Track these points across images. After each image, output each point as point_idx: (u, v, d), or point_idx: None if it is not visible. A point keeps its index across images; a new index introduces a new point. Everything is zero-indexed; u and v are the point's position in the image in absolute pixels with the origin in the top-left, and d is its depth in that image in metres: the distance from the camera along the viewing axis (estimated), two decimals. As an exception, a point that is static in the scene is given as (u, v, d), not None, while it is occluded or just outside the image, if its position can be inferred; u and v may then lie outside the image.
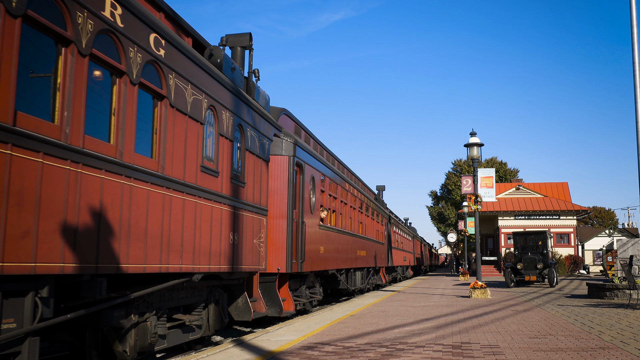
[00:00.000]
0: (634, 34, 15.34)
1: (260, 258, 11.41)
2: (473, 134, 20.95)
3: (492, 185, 32.16)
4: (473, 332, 10.07)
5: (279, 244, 12.84)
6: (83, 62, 6.21)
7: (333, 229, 17.52)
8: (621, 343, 8.63)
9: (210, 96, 9.19)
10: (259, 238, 11.31)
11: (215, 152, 9.42)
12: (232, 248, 9.98)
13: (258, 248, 11.25)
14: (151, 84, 7.61)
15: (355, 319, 12.58)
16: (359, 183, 24.78)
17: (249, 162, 10.89)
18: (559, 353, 7.76)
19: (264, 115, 11.63)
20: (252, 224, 10.96)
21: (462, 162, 74.99)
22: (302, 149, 13.94)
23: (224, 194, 9.70)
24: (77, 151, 6.02)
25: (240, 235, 10.33)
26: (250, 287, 12.14)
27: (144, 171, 7.33)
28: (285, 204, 12.98)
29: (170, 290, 8.93)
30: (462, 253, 70.39)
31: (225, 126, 9.72)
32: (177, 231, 8.13)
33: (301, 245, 13.63)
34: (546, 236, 28.41)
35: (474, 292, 19.21)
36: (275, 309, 12.79)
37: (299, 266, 13.56)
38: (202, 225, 8.87)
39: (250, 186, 10.88)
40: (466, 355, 7.62)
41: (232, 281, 10.88)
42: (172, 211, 7.99)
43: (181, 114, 8.32)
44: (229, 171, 9.93)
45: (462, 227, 51.47)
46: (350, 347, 8.38)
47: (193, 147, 8.66)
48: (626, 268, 15.89)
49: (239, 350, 8.32)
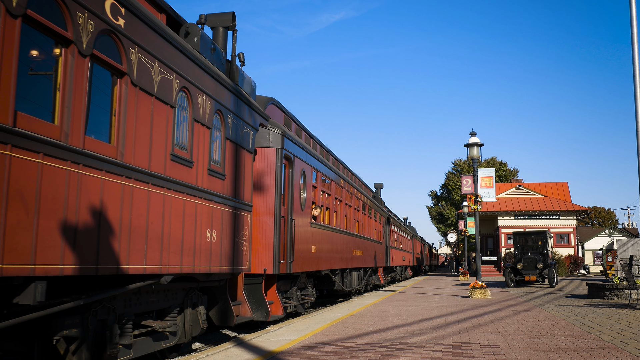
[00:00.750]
0: (634, 34, 15.19)
1: (244, 258, 10.24)
2: (473, 134, 20.61)
3: (492, 185, 31.77)
4: (473, 332, 9.89)
5: (266, 243, 11.70)
6: (14, 24, 5.06)
7: (326, 227, 16.33)
8: (621, 343, 8.50)
9: (183, 77, 8.03)
10: (242, 236, 10.15)
11: (189, 139, 8.26)
12: (210, 247, 8.83)
13: (241, 247, 10.09)
14: (107, 58, 6.46)
15: (355, 319, 12.32)
16: (356, 180, 23.50)
17: (231, 152, 9.74)
18: (559, 353, 7.63)
19: (248, 102, 10.46)
20: (234, 221, 9.81)
21: (462, 162, 73.85)
22: (291, 141, 12.78)
23: (200, 186, 8.55)
24: (6, 130, 4.89)
25: (220, 232, 9.19)
26: (233, 289, 10.99)
27: (98, 157, 6.18)
28: (272, 200, 11.83)
29: (136, 294, 7.79)
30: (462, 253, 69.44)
31: (201, 111, 8.56)
32: (140, 227, 6.98)
33: (290, 244, 12.47)
34: (546, 236, 28.02)
35: (474, 292, 18.91)
36: (261, 312, 11.64)
37: (288, 267, 12.41)
38: (173, 221, 7.72)
39: (231, 179, 9.74)
40: (466, 355, 7.50)
41: (212, 283, 9.74)
42: (133, 204, 6.84)
43: (146, 94, 7.16)
44: (206, 161, 8.78)
45: (462, 227, 50.78)
46: (350, 347, 8.24)
47: (161, 132, 7.51)
48: (626, 268, 15.67)
49: (239, 350, 8.12)
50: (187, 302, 9.20)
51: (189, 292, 9.24)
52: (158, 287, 8.14)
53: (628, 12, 15.44)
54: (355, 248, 20.78)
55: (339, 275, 18.72)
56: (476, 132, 20.69)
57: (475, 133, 20.68)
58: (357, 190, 22.08)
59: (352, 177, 22.45)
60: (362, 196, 23.23)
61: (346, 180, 19.90)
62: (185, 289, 9.16)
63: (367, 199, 24.71)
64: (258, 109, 10.99)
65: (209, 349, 8.75)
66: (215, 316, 10.28)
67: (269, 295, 12.35)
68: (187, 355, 8.85)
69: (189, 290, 9.26)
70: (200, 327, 9.40)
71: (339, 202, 18.52)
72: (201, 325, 9.40)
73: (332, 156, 18.96)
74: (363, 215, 23.37)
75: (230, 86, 9.65)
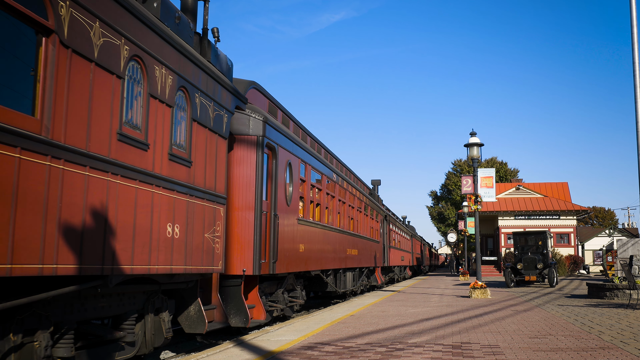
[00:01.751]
0: (634, 34, 14.93)
1: (215, 256, 8.84)
2: (473, 134, 20.23)
3: (492, 185, 31.11)
4: (473, 332, 9.71)
5: (245, 241, 10.30)
6: None
7: (317, 225, 14.85)
8: (621, 343, 8.38)
9: (136, 44, 6.64)
10: (213, 232, 8.76)
11: (143, 117, 6.87)
12: (171, 243, 7.44)
13: (211, 244, 8.69)
14: (26, 10, 5.10)
15: (355, 319, 12.05)
16: (351, 176, 21.82)
17: (200, 136, 8.36)
18: (559, 353, 7.52)
19: (222, 81, 9.05)
20: (203, 215, 8.42)
21: (462, 162, 72.34)
22: (275, 129, 11.35)
23: (158, 173, 7.15)
24: None
25: (184, 227, 7.80)
26: (207, 292, 9.63)
27: (11, 130, 4.84)
28: (252, 194, 10.43)
29: (79, 298, 6.43)
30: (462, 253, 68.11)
31: (160, 86, 7.17)
32: (74, 217, 5.61)
33: (273, 242, 11.07)
34: (546, 236, 27.43)
35: (474, 292, 18.51)
36: (240, 317, 10.24)
37: (271, 267, 11.01)
38: (120, 213, 6.34)
39: (200, 167, 8.35)
40: (466, 355, 7.37)
41: (179, 285, 8.36)
42: (64, 190, 5.46)
43: (83, 59, 5.79)
44: (167, 145, 7.38)
45: (462, 227, 49.79)
46: (350, 347, 8.07)
47: (104, 107, 6.13)
48: (626, 268, 15.40)
49: (239, 350, 7.92)
50: (149, 307, 7.82)
51: (150, 296, 7.87)
52: (108, 291, 6.78)
53: (628, 12, 15.14)
54: (349, 247, 19.26)
55: (331, 276, 17.28)
56: (476, 132, 20.30)
57: (475, 133, 20.28)
58: (351, 186, 20.51)
59: (346, 172, 20.86)
60: (357, 193, 21.64)
61: (340, 175, 18.38)
62: (146, 292, 7.79)
63: (363, 196, 23.10)
64: (234, 90, 9.58)
65: (209, 349, 8.36)
66: (185, 322, 8.90)
67: (250, 298, 10.96)
68: (186, 356, 8.36)
69: (151, 294, 7.88)
70: (164, 336, 8.03)
71: (331, 198, 17.03)
72: (165, 334, 8.00)
73: (325, 149, 17.47)
74: (358, 212, 21.81)
75: (199, 62, 8.26)
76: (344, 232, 18.50)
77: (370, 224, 24.41)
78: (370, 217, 24.71)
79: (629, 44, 29.34)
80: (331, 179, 16.83)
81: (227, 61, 9.63)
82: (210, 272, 8.68)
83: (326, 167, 16.25)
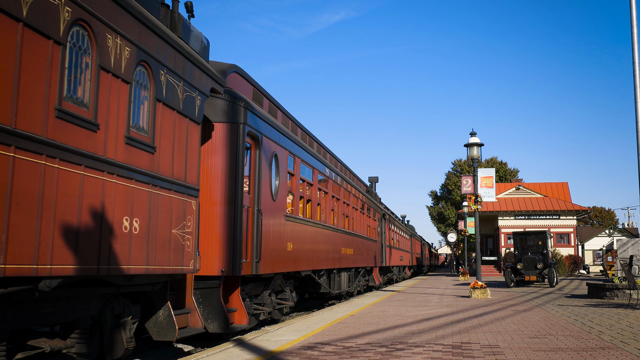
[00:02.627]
0: (634, 34, 14.70)
1: (186, 255, 7.72)
2: (473, 134, 19.97)
3: (492, 185, 30.69)
4: (473, 332, 9.55)
5: (224, 239, 9.18)
6: None
7: (307, 222, 13.63)
8: (621, 343, 8.25)
9: (80, 5, 5.50)
10: (183, 228, 7.65)
11: (92, 93, 5.76)
12: (129, 240, 6.34)
13: (181, 241, 7.57)
14: None
15: (355, 318, 11.83)
16: (347, 172, 20.42)
17: (166, 119, 7.24)
18: (559, 353, 7.40)
19: (194, 60, 7.91)
20: (170, 208, 7.30)
21: (462, 162, 71.28)
22: (258, 117, 10.21)
23: (111, 158, 6.05)
24: None
25: (146, 221, 6.69)
26: (181, 295, 8.55)
27: None
28: (232, 187, 9.28)
29: (12, 303, 5.35)
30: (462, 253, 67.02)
31: (113, 58, 6.06)
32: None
33: (256, 240, 9.93)
34: (546, 236, 27.03)
35: (474, 292, 18.22)
36: (218, 323, 9.11)
37: (254, 267, 9.89)
38: (59, 203, 5.23)
39: (167, 154, 7.23)
40: (466, 355, 7.24)
41: (143, 287, 7.27)
42: (-23, 174, 4.40)
43: (6, 16, 4.72)
44: (123, 126, 6.27)
45: (462, 227, 49.04)
46: (350, 347, 7.93)
47: (37, 77, 5.02)
48: (626, 268, 15.19)
49: (239, 350, 7.75)
50: (107, 313, 6.72)
51: (109, 300, 6.78)
52: (52, 295, 5.70)
53: (628, 12, 14.88)
54: (344, 246, 18.01)
55: (324, 277, 16.12)
56: (476, 132, 20.00)
57: (475, 133, 19.97)
58: (347, 182, 19.20)
59: (341, 168, 19.48)
60: (353, 189, 20.32)
61: (334, 171, 17.10)
62: (103, 295, 6.70)
63: (360, 193, 21.78)
64: (209, 71, 8.45)
65: (208, 349, 8.11)
66: (153, 329, 7.78)
67: (232, 301, 9.84)
68: (186, 356, 7.99)
69: (109, 298, 6.80)
70: (124, 346, 6.93)
71: (324, 194, 15.80)
72: (125, 344, 6.89)
73: (318, 143, 16.18)
74: (354, 210, 20.50)
75: (165, 35, 7.14)
76: (338, 231, 17.25)
77: (367, 223, 23.12)
78: (367, 216, 23.41)
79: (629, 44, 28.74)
80: (324, 174, 15.63)
81: (203, 39, 8.52)
82: (180, 272, 7.56)
83: (318, 161, 15.05)
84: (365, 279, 23.84)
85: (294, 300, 13.32)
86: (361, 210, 21.69)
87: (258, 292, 11.26)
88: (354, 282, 20.77)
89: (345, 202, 18.66)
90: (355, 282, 20.93)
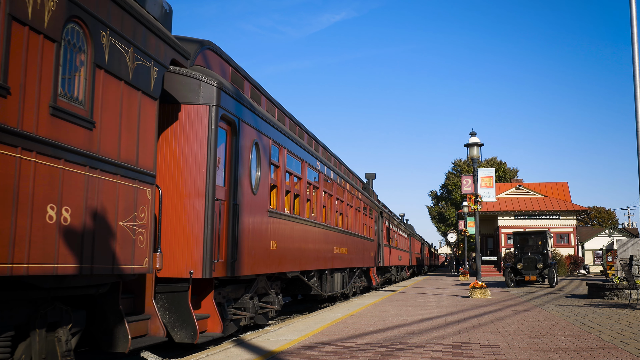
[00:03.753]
0: (634, 34, 14.42)
1: (137, 252, 6.45)
2: (473, 134, 19.58)
3: (492, 185, 29.83)
4: (473, 332, 9.39)
5: (192, 235, 7.85)
6: None
7: (294, 219, 12.21)
8: (621, 343, 8.10)
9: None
10: (134, 219, 6.38)
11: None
12: (56, 233, 5.09)
13: (131, 236, 6.31)
14: None
15: (355, 318, 11.60)
16: (341, 167, 18.75)
17: (110, 90, 5.96)
18: (559, 353, 7.24)
19: (149, 24, 6.57)
20: (116, 196, 6.05)
21: (462, 162, 69.95)
22: (235, 100, 8.88)
23: (30, 132, 4.79)
24: None
25: (81, 211, 5.43)
26: (141, 298, 7.30)
27: None
28: (202, 177, 7.98)
29: None
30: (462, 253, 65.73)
31: (31, 8, 4.80)
32: None
33: (232, 237, 8.61)
34: (546, 236, 26.53)
35: (474, 292, 17.85)
36: (185, 331, 7.79)
37: (229, 268, 8.58)
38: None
39: (110, 131, 5.97)
40: (466, 355, 7.08)
41: (86, 290, 6.02)
42: None
43: None
44: (47, 94, 5.01)
45: (462, 227, 48.04)
46: (350, 347, 7.78)
47: None
48: (626, 268, 14.97)
49: (239, 350, 7.58)
50: (37, 321, 5.48)
51: (40, 306, 5.53)
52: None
53: (628, 12, 14.61)
54: (337, 245, 16.55)
55: (315, 278, 14.73)
56: (476, 132, 19.59)
57: (475, 133, 19.57)
58: (341, 177, 17.65)
59: (335, 162, 17.79)
60: (348, 185, 18.73)
61: (326, 164, 15.59)
62: (32, 300, 5.46)
63: (355, 190, 20.18)
64: (170, 40, 7.11)
65: (208, 349, 7.97)
66: (102, 338, 6.55)
67: (204, 306, 8.57)
68: (187, 356, 7.58)
69: (41, 303, 5.54)
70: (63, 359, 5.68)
71: (314, 189, 14.35)
72: (60, 357, 5.66)
73: (309, 134, 14.37)
74: (349, 207, 18.91)
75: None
76: (331, 229, 15.81)
77: (363, 221, 21.63)
78: (364, 213, 21.90)
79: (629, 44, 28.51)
80: (315, 168, 14.22)
81: (164, 4, 7.22)
82: (130, 272, 6.30)
83: (309, 154, 13.67)
84: (361, 279, 22.43)
85: (280, 303, 12.02)
86: (357, 207, 20.23)
87: (238, 296, 9.98)
88: (349, 283, 19.38)
89: (339, 199, 17.25)
90: (350, 283, 19.53)
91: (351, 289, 19.98)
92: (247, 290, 10.27)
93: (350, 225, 18.75)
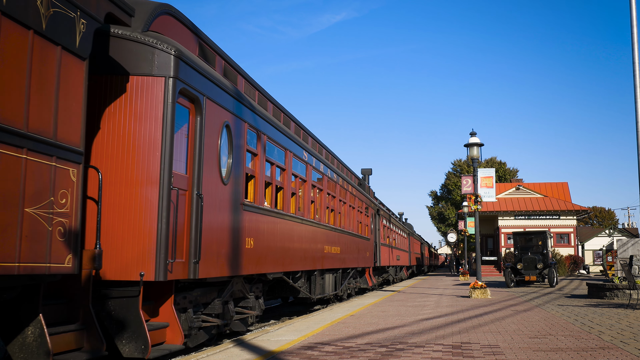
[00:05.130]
0: (634, 34, 14.18)
1: (55, 248, 4.99)
2: (473, 134, 19.27)
3: (492, 185, 29.73)
4: (473, 332, 9.22)
5: (142, 231, 6.45)
6: None
7: (275, 214, 10.62)
8: (621, 343, 7.87)
9: None
10: (50, 206, 4.94)
11: None
12: None
13: (45, 227, 4.88)
14: None
15: (355, 319, 11.43)
16: (334, 160, 17.05)
17: (10, 40, 4.43)
18: (559, 353, 7.03)
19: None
20: (22, 175, 4.60)
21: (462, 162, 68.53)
22: (199, 73, 7.40)
23: None
24: None
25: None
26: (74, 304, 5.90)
27: None
28: (155, 162, 6.56)
29: None
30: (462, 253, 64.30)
31: None
32: None
33: (194, 233, 7.20)
34: (546, 236, 26.03)
35: (474, 292, 17.51)
36: (135, 344, 6.38)
37: (191, 269, 7.13)
38: None
39: (14, 93, 4.43)
40: (466, 355, 6.89)
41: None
42: None
43: None
44: None
45: (462, 227, 47.22)
46: (350, 347, 7.57)
47: None
48: (626, 268, 14.76)
49: (239, 350, 7.34)
50: None
51: None
52: None
53: (628, 12, 14.42)
54: (328, 244, 14.97)
55: (302, 279, 13.17)
56: (476, 132, 19.29)
57: (475, 133, 19.27)
58: (333, 171, 15.97)
59: (327, 155, 16.07)
60: (341, 180, 17.05)
61: (315, 156, 13.93)
62: None
63: (349, 185, 18.47)
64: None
65: (209, 349, 7.87)
66: (19, 354, 5.16)
67: (163, 313, 7.16)
68: (187, 356, 7.48)
69: None
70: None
71: (301, 182, 12.78)
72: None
73: (295, 123, 12.82)
74: (342, 203, 17.28)
75: None
76: (320, 226, 14.22)
77: (357, 218, 19.99)
78: (359, 211, 20.25)
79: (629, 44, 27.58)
80: (302, 159, 12.63)
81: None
82: (46, 272, 4.90)
83: (295, 143, 12.10)
84: (356, 280, 20.84)
85: (262, 308, 10.52)
86: (351, 204, 18.61)
87: (209, 300, 8.55)
88: (343, 284, 17.85)
89: (331, 194, 15.68)
90: (344, 285, 18.01)
91: (345, 290, 18.43)
92: (219, 294, 8.84)
93: (343, 222, 17.25)
